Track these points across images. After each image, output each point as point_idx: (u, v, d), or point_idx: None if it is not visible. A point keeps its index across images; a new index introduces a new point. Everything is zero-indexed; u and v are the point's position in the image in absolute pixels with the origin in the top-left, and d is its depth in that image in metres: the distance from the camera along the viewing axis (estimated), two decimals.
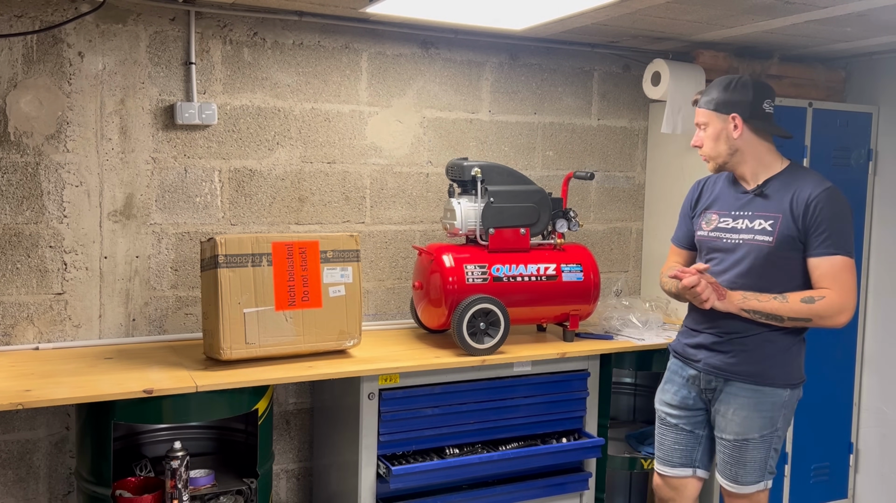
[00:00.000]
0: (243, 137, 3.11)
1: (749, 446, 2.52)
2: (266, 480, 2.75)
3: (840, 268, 2.37)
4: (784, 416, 2.53)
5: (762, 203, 2.49)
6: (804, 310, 2.38)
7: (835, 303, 2.37)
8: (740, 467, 2.54)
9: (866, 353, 3.95)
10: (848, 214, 2.42)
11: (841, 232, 2.38)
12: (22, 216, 2.82)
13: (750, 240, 2.47)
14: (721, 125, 2.49)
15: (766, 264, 2.45)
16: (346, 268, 2.78)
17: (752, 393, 2.49)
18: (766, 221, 2.46)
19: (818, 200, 2.39)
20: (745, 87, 2.48)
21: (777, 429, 2.52)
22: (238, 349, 2.60)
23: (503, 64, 3.56)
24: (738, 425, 2.52)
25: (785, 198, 2.45)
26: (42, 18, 2.78)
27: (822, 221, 2.38)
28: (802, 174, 2.51)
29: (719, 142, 2.50)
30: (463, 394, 2.88)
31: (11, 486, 2.87)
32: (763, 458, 2.53)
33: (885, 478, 3.91)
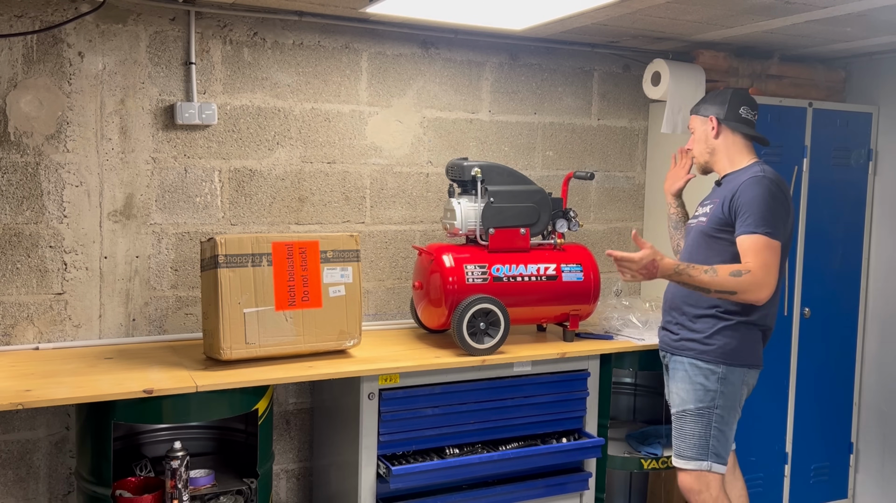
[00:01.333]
0: (243, 137, 3.11)
1: (686, 418, 2.71)
2: (266, 480, 2.75)
3: (761, 245, 2.54)
4: (723, 394, 2.67)
5: (716, 191, 2.77)
6: (731, 283, 2.53)
7: (758, 278, 2.52)
8: (680, 440, 2.73)
9: (866, 353, 3.95)
10: (770, 197, 2.58)
11: (761, 212, 2.56)
12: (22, 216, 2.82)
13: (697, 221, 2.79)
14: (703, 127, 2.79)
15: (700, 241, 2.73)
16: (346, 268, 2.78)
17: (689, 366, 2.72)
18: (705, 207, 2.77)
19: (743, 186, 2.61)
20: (724, 94, 2.77)
21: (715, 406, 2.68)
22: (238, 349, 2.60)
23: (503, 64, 3.56)
24: (677, 396, 2.76)
25: (727, 187, 2.70)
26: (42, 18, 2.78)
27: (743, 204, 2.59)
28: (751, 167, 2.71)
29: (701, 142, 2.80)
30: (463, 394, 2.88)
31: (11, 486, 2.87)
32: (702, 434, 2.68)
33: (885, 478, 3.91)
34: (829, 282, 3.81)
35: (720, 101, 2.76)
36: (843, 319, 3.89)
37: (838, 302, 3.85)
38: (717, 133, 2.75)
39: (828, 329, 3.82)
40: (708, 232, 2.70)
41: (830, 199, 3.76)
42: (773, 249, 2.55)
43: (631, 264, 2.56)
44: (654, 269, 2.56)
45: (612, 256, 2.59)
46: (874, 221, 3.90)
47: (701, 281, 2.55)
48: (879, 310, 3.90)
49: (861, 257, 3.89)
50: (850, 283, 3.89)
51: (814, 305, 3.75)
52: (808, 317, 3.74)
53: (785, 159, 3.62)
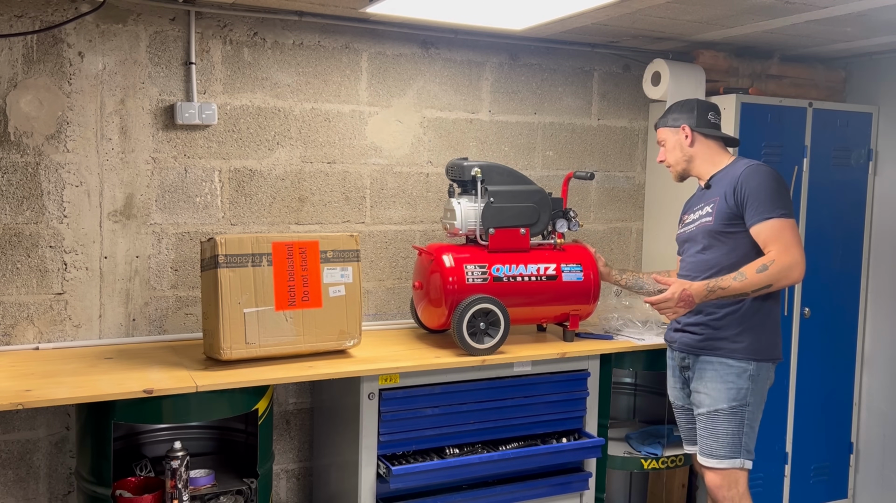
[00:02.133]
0: (243, 137, 3.11)
1: (720, 417, 2.69)
2: (266, 480, 2.75)
3: (778, 228, 2.57)
4: (753, 391, 2.69)
5: (708, 193, 2.79)
6: (762, 278, 2.54)
7: (784, 263, 2.54)
8: (713, 440, 2.71)
9: (866, 353, 3.95)
10: (773, 181, 2.63)
11: (769, 197, 2.60)
12: (22, 216, 2.82)
13: (700, 223, 2.77)
14: (675, 137, 2.85)
15: (711, 240, 2.72)
16: (346, 268, 2.78)
17: (719, 365, 2.71)
18: (707, 206, 2.76)
19: (743, 176, 2.65)
20: (690, 104, 2.84)
21: (747, 403, 2.68)
22: (238, 349, 2.60)
23: (503, 64, 3.56)
24: (708, 397, 2.72)
25: (721, 184, 2.74)
26: (42, 18, 2.78)
27: (749, 193, 2.62)
28: (738, 162, 2.77)
29: (676, 151, 2.86)
30: (463, 394, 2.87)
31: (11, 486, 2.87)
32: (735, 433, 2.69)
33: (885, 478, 3.91)
34: (829, 282, 3.81)
35: (687, 110, 2.83)
36: (843, 319, 3.89)
37: (838, 302, 3.85)
38: (692, 141, 2.81)
39: (828, 329, 3.82)
40: (718, 229, 2.71)
41: (830, 199, 3.76)
42: (790, 227, 2.59)
43: (668, 303, 2.59)
44: (689, 298, 2.58)
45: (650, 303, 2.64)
46: (874, 221, 3.90)
47: (735, 290, 2.57)
48: (879, 310, 3.90)
49: (861, 257, 3.89)
50: (850, 283, 3.88)
51: (814, 305, 3.75)
52: (808, 317, 3.74)
53: (785, 159, 3.62)
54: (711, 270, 2.70)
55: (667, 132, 2.88)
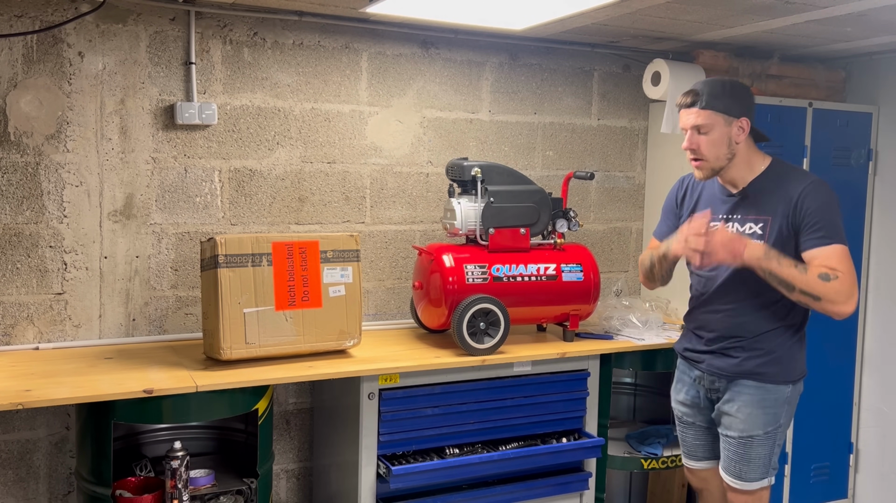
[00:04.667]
0: (243, 137, 3.11)
1: (754, 443, 2.54)
2: (266, 480, 2.75)
3: (842, 255, 2.32)
4: (787, 412, 2.57)
5: (749, 206, 2.48)
6: (819, 286, 2.28)
7: (846, 287, 2.29)
8: (745, 464, 2.57)
9: (866, 353, 3.95)
10: (836, 205, 2.40)
11: (833, 222, 2.36)
12: (22, 216, 2.82)
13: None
14: (727, 129, 2.41)
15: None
16: (346, 268, 2.78)
17: (756, 390, 2.52)
18: (756, 225, 2.45)
19: (805, 194, 2.38)
20: (745, 90, 2.45)
21: (780, 425, 2.56)
22: (238, 349, 2.60)
23: (503, 64, 3.56)
24: (743, 422, 2.55)
25: (772, 198, 2.43)
26: (42, 18, 2.78)
27: (812, 213, 2.36)
28: (786, 171, 2.49)
29: (721, 146, 2.42)
30: (463, 394, 2.88)
31: (11, 486, 2.87)
32: (767, 455, 2.57)
33: (885, 478, 3.91)
34: None
35: (744, 97, 2.42)
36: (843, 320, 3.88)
37: None
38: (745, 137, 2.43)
39: (828, 329, 3.82)
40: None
41: None
42: (850, 258, 2.33)
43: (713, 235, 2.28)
44: (741, 248, 2.29)
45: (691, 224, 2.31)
46: (874, 221, 3.90)
47: (790, 275, 2.29)
48: (879, 310, 3.90)
49: (861, 257, 3.89)
50: None
51: None
52: None
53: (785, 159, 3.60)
54: (752, 300, 2.44)
55: (717, 118, 2.40)
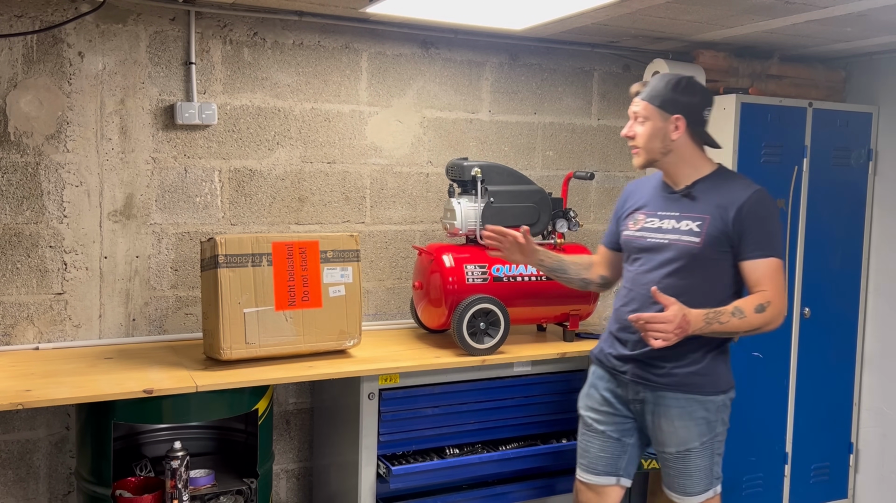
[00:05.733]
0: (243, 137, 3.11)
1: (692, 456, 2.47)
2: (266, 480, 2.75)
3: (775, 269, 2.35)
4: (722, 421, 2.49)
5: (689, 204, 2.46)
6: (759, 320, 2.32)
7: (778, 308, 2.34)
8: (686, 478, 2.50)
9: (866, 353, 3.95)
10: (777, 216, 2.43)
11: (772, 234, 2.38)
12: (22, 216, 2.82)
13: (676, 240, 2.42)
14: (662, 124, 2.42)
15: (692, 264, 2.40)
16: (346, 268, 2.78)
17: (687, 402, 2.44)
18: (693, 222, 2.42)
19: (748, 204, 2.36)
20: (694, 91, 2.43)
21: (716, 433, 2.48)
22: (238, 349, 2.60)
23: (503, 64, 3.56)
24: (678, 436, 2.46)
25: (713, 200, 2.42)
26: (42, 18, 2.78)
27: (753, 224, 2.35)
28: (731, 178, 2.49)
29: (655, 139, 2.43)
30: (463, 394, 2.88)
31: (11, 486, 2.87)
32: (707, 466, 2.49)
33: (885, 478, 3.91)
34: (829, 282, 3.80)
35: (689, 98, 2.42)
36: (843, 319, 3.88)
37: (838, 302, 3.85)
38: (681, 135, 2.42)
39: (828, 329, 3.82)
40: (707, 254, 2.39)
41: (830, 199, 3.76)
42: (783, 270, 2.38)
43: (666, 325, 2.24)
44: (686, 325, 2.27)
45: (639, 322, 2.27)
46: (874, 221, 3.89)
47: (732, 327, 2.32)
48: (879, 311, 3.90)
49: (861, 257, 3.89)
50: (850, 283, 3.88)
51: (814, 305, 3.75)
52: (808, 317, 3.74)
53: (785, 159, 3.62)
54: (685, 297, 2.33)
55: (653, 112, 2.42)
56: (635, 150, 2.49)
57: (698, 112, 2.43)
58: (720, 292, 2.40)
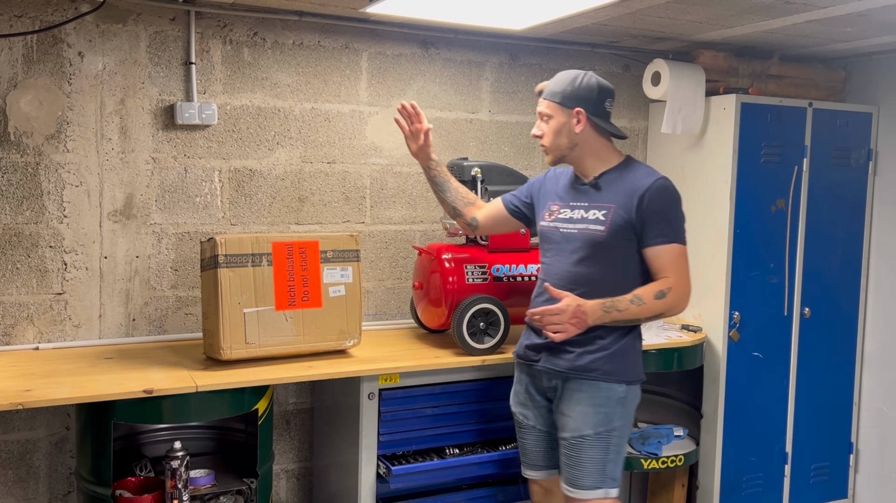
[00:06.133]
0: (243, 137, 3.11)
1: (585, 444, 2.46)
2: (266, 480, 2.75)
3: (678, 255, 2.42)
4: (621, 415, 2.47)
5: (597, 194, 2.51)
6: (659, 306, 2.40)
7: (680, 292, 2.42)
8: (577, 468, 2.47)
9: (866, 353, 3.95)
10: (679, 204, 2.46)
11: (675, 220, 2.44)
12: (22, 216, 2.82)
13: (584, 229, 2.49)
14: (564, 119, 2.49)
15: (598, 253, 2.46)
16: (347, 268, 2.78)
17: (588, 387, 2.46)
18: (599, 212, 2.48)
19: (650, 191, 2.41)
20: (591, 85, 2.48)
21: (614, 428, 2.46)
22: (238, 349, 2.60)
23: (503, 64, 3.57)
24: (575, 421, 2.47)
25: (618, 189, 2.47)
26: (42, 18, 2.78)
27: (655, 211, 2.40)
28: (635, 167, 2.53)
29: (560, 135, 2.50)
30: (463, 394, 2.88)
31: (11, 486, 2.87)
32: (600, 460, 2.45)
33: (885, 478, 3.91)
34: (829, 282, 3.81)
35: (586, 92, 2.47)
36: (843, 319, 3.89)
37: (838, 302, 3.85)
38: (583, 128, 2.48)
39: (828, 329, 3.82)
40: (611, 241, 2.43)
41: (830, 199, 3.76)
42: (686, 256, 2.44)
43: (560, 316, 2.39)
44: (583, 316, 2.39)
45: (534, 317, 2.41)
46: (874, 221, 3.90)
47: (631, 314, 2.40)
48: (879, 310, 3.90)
49: (861, 257, 3.89)
50: (850, 283, 3.88)
51: (814, 305, 3.75)
52: (808, 317, 3.74)
53: (785, 159, 3.62)
54: (587, 286, 2.44)
55: (556, 109, 2.50)
56: (544, 149, 2.58)
57: (599, 104, 2.49)
58: (628, 279, 2.45)
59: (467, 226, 2.84)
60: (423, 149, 2.78)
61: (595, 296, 2.43)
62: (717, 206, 3.56)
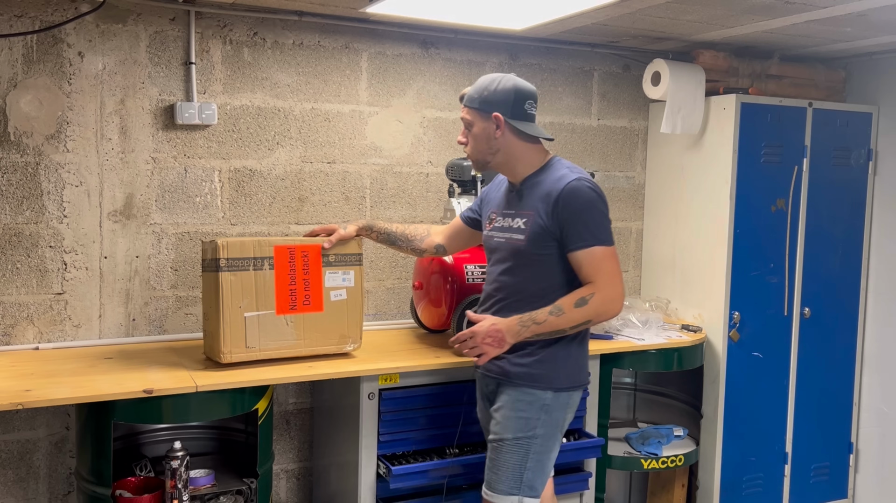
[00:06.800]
0: (243, 137, 3.11)
1: (503, 448, 2.40)
2: (266, 480, 2.75)
3: (600, 258, 2.31)
4: (544, 422, 2.39)
5: (519, 202, 2.46)
6: (581, 314, 2.31)
7: (605, 296, 2.31)
8: (494, 471, 2.42)
9: (866, 353, 3.95)
10: (597, 203, 2.34)
11: (593, 222, 2.32)
12: (22, 216, 2.82)
13: (509, 238, 2.44)
14: (485, 125, 2.42)
15: (522, 262, 2.40)
16: (348, 272, 2.78)
17: (514, 392, 2.41)
18: (521, 220, 2.42)
19: (563, 195, 2.32)
20: (507, 89, 2.41)
21: (535, 436, 2.38)
22: (238, 353, 2.59)
23: (503, 64, 3.56)
24: (497, 425, 2.43)
25: (536, 195, 2.40)
26: (42, 18, 2.78)
27: (571, 215, 2.31)
28: (554, 169, 2.43)
29: (481, 141, 2.44)
30: (463, 394, 2.87)
31: (11, 486, 2.87)
32: (517, 466, 2.39)
33: (885, 478, 3.91)
34: (829, 283, 3.81)
35: (503, 96, 2.40)
36: (843, 319, 3.89)
37: (838, 302, 3.86)
38: (503, 133, 2.41)
39: (828, 329, 3.82)
40: (532, 250, 2.38)
41: (830, 199, 3.76)
42: (611, 256, 2.33)
43: (474, 339, 2.37)
44: (498, 335, 2.35)
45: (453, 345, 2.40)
46: (874, 221, 3.90)
47: (551, 326, 2.32)
48: (879, 310, 3.90)
49: (861, 257, 3.89)
50: (850, 283, 3.89)
51: (814, 305, 3.75)
52: (808, 317, 3.74)
53: (785, 159, 3.62)
54: (517, 296, 2.40)
55: (474, 115, 2.44)
56: (468, 156, 2.52)
57: (518, 107, 2.41)
58: (555, 287, 2.37)
59: (436, 254, 2.82)
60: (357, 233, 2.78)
61: (524, 305, 2.37)
62: (717, 206, 3.56)
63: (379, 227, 2.82)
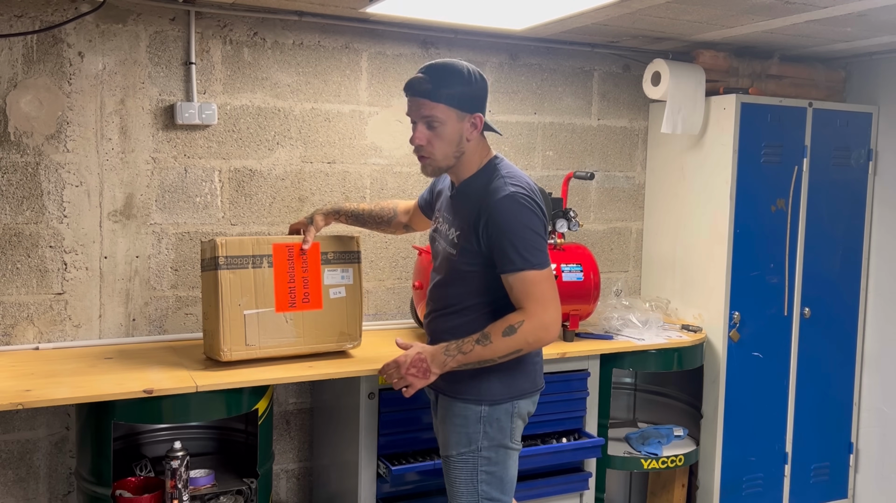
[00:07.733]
0: (243, 137, 3.11)
1: (450, 464, 2.30)
2: (266, 480, 2.76)
3: (531, 282, 2.11)
4: (486, 435, 2.25)
5: (455, 209, 2.29)
6: (509, 344, 2.12)
7: (535, 324, 2.12)
8: (450, 486, 2.32)
9: (866, 353, 3.95)
10: (528, 220, 2.13)
11: (522, 244, 2.11)
12: (22, 216, 2.82)
13: (444, 248, 2.32)
14: (459, 125, 2.18)
15: (456, 277, 2.27)
16: (347, 270, 2.78)
17: (451, 406, 2.29)
18: (455, 232, 2.26)
19: (492, 211, 2.12)
20: (483, 81, 2.20)
21: (479, 449, 2.25)
22: (238, 351, 2.60)
23: (503, 64, 3.56)
24: (443, 440, 2.34)
25: (468, 205, 2.22)
26: (42, 18, 2.78)
27: (496, 237, 2.12)
28: (490, 178, 2.21)
29: (452, 144, 2.19)
30: None
31: (11, 486, 2.87)
32: (469, 480, 2.27)
33: (885, 478, 3.91)
34: (830, 283, 3.81)
35: (479, 91, 2.18)
36: (843, 319, 3.89)
37: (838, 302, 3.86)
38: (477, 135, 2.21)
39: (828, 329, 3.82)
40: (463, 267, 2.24)
41: (830, 199, 3.77)
42: (543, 280, 2.12)
43: (399, 369, 2.20)
44: (422, 364, 2.18)
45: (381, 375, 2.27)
46: (874, 221, 3.90)
47: (479, 356, 2.14)
48: (879, 310, 3.90)
49: (861, 257, 3.89)
50: (850, 283, 3.89)
51: (814, 305, 3.75)
52: (808, 317, 3.74)
53: (785, 159, 3.62)
54: (451, 308, 2.28)
55: (448, 113, 2.16)
56: (425, 160, 2.24)
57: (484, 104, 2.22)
58: (486, 303, 2.23)
59: (406, 232, 2.80)
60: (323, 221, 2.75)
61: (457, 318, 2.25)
62: (717, 206, 3.56)
63: (346, 210, 2.78)
